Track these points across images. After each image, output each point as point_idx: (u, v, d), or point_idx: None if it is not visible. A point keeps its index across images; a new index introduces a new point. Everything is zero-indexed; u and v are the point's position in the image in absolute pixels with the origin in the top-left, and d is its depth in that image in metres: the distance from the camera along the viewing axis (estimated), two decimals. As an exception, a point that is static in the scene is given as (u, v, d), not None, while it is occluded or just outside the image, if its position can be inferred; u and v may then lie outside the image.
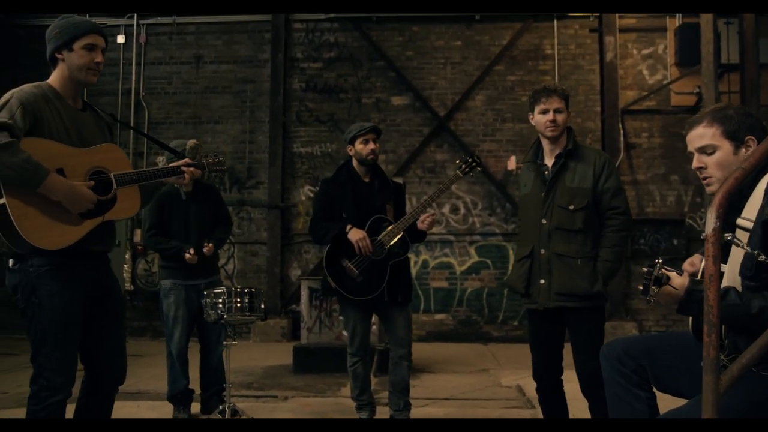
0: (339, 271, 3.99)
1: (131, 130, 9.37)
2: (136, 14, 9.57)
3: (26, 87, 2.59)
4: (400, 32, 9.50)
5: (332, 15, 9.41)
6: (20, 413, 4.56)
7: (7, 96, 2.52)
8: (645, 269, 1.93)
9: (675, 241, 8.95)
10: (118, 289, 2.87)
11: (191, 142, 4.11)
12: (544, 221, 3.21)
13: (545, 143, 3.33)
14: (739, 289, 1.99)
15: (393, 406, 4.11)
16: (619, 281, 8.65)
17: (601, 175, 3.20)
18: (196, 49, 9.67)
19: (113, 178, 2.67)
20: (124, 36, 9.67)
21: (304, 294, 6.73)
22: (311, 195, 9.41)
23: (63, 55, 2.67)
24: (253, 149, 9.52)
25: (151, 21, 9.67)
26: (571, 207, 3.17)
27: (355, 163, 4.16)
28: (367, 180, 4.16)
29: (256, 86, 9.57)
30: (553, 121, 3.22)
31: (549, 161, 3.31)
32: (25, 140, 2.46)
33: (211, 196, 4.74)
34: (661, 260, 1.94)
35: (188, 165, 2.90)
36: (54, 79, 2.70)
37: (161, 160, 9.16)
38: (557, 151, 3.27)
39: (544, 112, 3.24)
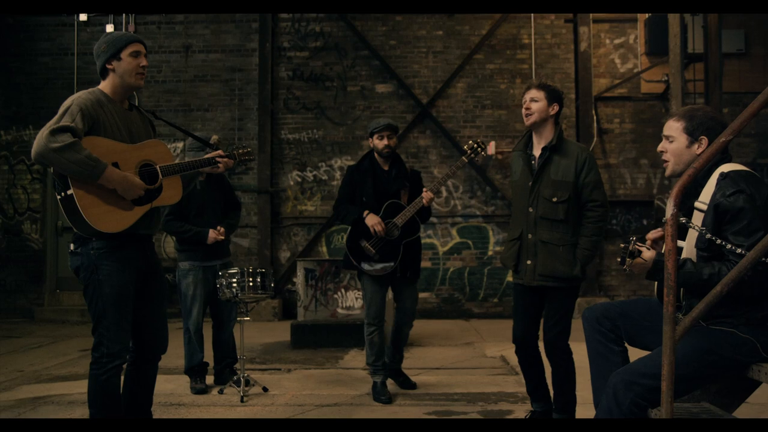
0: (359, 250, 4.54)
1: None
2: (124, 4, 9.77)
3: (83, 94, 2.96)
4: (384, 22, 9.86)
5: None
6: (39, 389, 4.95)
7: (67, 103, 2.89)
8: (622, 245, 2.40)
9: (645, 221, 9.51)
10: (161, 269, 3.25)
11: (214, 138, 4.49)
12: (531, 209, 3.62)
13: (534, 134, 3.71)
14: (695, 260, 2.49)
15: (388, 358, 4.86)
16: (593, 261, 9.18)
17: (582, 169, 3.59)
18: (184, 39, 9.92)
19: (159, 170, 3.07)
20: (113, 25, 9.79)
21: (300, 274, 7.13)
22: (299, 180, 9.79)
23: (113, 65, 3.03)
24: (242, 136, 9.82)
25: (139, 10, 9.87)
26: (555, 199, 3.57)
27: (375, 153, 4.69)
28: (386, 168, 4.71)
29: (244, 75, 9.87)
30: (528, 108, 3.63)
31: (536, 152, 3.69)
32: (85, 139, 2.84)
33: (223, 184, 5.11)
34: (635, 237, 2.42)
35: (222, 156, 3.30)
36: (105, 86, 3.07)
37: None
38: (543, 144, 3.65)
39: (523, 102, 3.67)
